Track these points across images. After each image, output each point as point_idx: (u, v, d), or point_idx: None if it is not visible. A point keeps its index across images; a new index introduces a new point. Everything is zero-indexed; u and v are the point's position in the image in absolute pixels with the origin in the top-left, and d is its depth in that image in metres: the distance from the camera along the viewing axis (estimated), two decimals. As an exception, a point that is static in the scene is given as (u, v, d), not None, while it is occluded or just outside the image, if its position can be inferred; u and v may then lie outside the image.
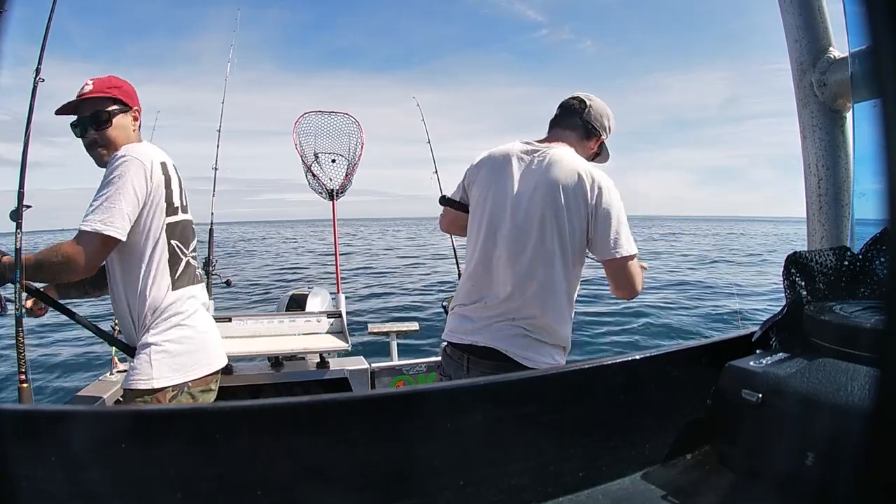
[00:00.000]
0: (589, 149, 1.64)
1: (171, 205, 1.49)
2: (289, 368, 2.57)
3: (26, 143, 1.59)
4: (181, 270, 1.51)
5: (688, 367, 1.00)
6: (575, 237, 1.46)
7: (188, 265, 1.55)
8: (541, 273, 1.46)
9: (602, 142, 1.67)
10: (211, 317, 1.64)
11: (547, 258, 1.46)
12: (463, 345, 1.52)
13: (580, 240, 1.47)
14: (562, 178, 1.48)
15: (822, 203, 1.31)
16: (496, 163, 1.59)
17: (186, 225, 1.56)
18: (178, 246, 1.51)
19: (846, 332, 0.84)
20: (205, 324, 1.57)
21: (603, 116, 1.64)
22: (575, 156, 1.54)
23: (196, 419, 0.74)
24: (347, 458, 0.75)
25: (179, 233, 1.52)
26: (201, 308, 1.58)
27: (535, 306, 1.46)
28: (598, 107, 1.64)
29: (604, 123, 1.64)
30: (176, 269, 1.50)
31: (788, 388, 0.81)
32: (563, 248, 1.46)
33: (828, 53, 1.28)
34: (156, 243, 1.46)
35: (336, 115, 3.50)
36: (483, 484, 0.80)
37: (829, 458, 0.73)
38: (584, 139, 1.62)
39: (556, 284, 1.46)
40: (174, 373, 1.44)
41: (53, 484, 0.64)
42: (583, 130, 1.62)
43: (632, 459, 0.91)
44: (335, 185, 3.46)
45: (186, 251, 1.54)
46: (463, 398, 0.86)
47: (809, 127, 1.32)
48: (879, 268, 1.01)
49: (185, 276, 1.53)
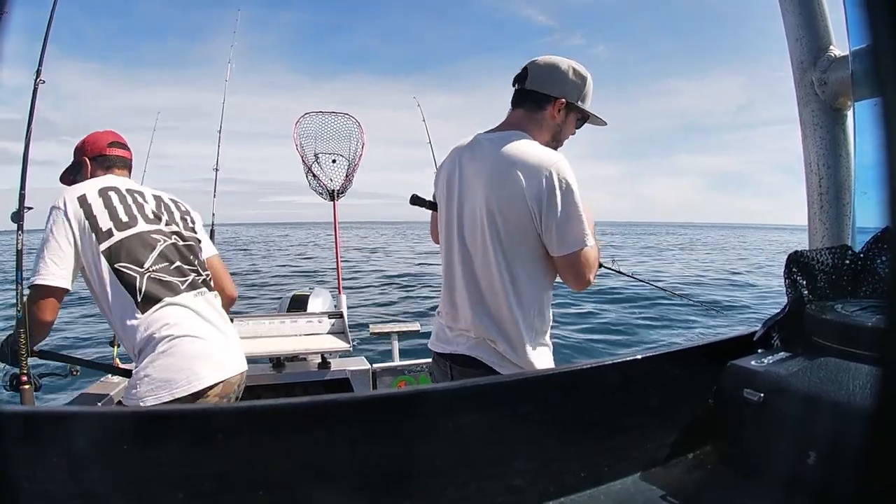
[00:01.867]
0: (550, 119, 1.38)
1: (100, 231, 1.44)
2: (290, 369, 2.57)
3: (27, 144, 1.60)
4: (144, 289, 1.43)
5: (689, 367, 1.00)
6: (521, 237, 1.29)
7: (153, 280, 1.45)
8: (489, 283, 1.32)
9: (566, 104, 1.37)
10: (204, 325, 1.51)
11: (493, 267, 1.31)
12: (445, 353, 1.42)
13: (530, 239, 1.29)
14: (496, 174, 1.30)
15: (823, 202, 1.31)
16: (450, 162, 1.44)
17: (132, 241, 1.47)
18: (124, 268, 1.43)
19: (848, 331, 0.84)
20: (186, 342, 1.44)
21: (552, 74, 1.36)
22: (516, 141, 1.32)
23: (197, 419, 0.74)
24: (349, 459, 0.75)
25: (125, 253, 1.44)
26: (184, 321, 1.46)
27: (489, 320, 1.32)
28: (543, 64, 1.37)
29: (554, 82, 1.36)
30: (135, 289, 1.43)
31: (790, 388, 0.81)
32: (510, 251, 1.30)
33: (828, 52, 1.28)
34: (100, 274, 1.43)
35: (337, 115, 3.51)
36: (484, 484, 0.80)
37: (830, 457, 0.72)
38: (534, 111, 1.37)
39: (509, 294, 1.30)
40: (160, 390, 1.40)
41: (54, 484, 0.64)
42: (530, 102, 1.37)
43: (633, 459, 0.91)
44: (336, 185, 3.47)
45: (142, 267, 1.45)
46: (464, 398, 0.86)
47: (810, 126, 1.32)
48: (881, 266, 1.00)
49: (154, 291, 1.44)
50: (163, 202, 1.64)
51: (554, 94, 1.35)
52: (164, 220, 1.58)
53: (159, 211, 1.59)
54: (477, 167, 1.35)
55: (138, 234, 1.49)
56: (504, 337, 1.31)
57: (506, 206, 1.28)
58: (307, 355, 2.63)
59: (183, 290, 1.50)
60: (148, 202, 1.58)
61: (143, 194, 1.61)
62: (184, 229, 1.63)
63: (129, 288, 1.42)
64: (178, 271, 1.51)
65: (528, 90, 1.37)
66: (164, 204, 1.64)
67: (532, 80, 1.36)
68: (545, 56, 1.38)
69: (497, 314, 1.32)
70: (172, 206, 1.66)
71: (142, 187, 1.66)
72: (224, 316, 1.62)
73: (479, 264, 1.34)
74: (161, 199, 1.65)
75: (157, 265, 1.47)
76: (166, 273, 1.48)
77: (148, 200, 1.59)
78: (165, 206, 1.63)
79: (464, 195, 1.37)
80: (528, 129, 1.36)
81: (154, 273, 1.46)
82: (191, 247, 1.61)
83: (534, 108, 1.37)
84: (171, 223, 1.60)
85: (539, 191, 1.24)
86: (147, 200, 1.59)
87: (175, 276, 1.50)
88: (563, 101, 1.36)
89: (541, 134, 1.37)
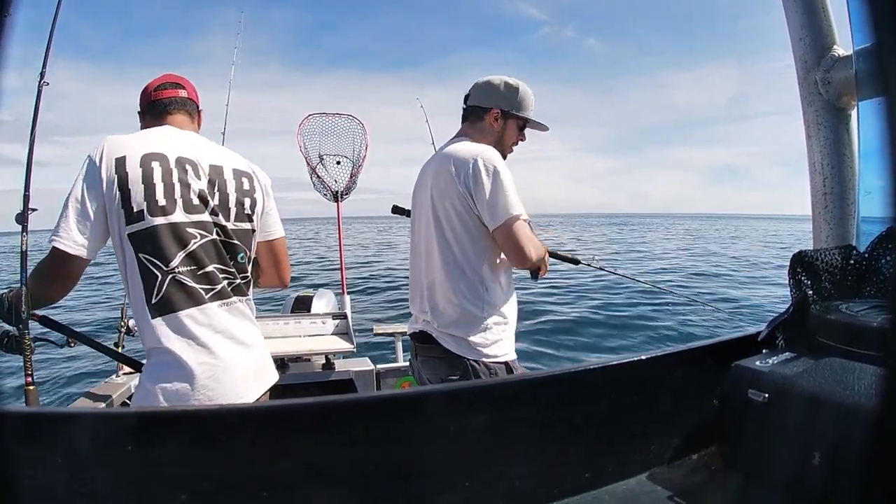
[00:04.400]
0: (489, 127, 1.62)
1: (130, 210, 1.21)
2: (294, 370, 2.57)
3: (31, 146, 1.57)
4: (163, 292, 1.22)
5: (693, 368, 0.99)
6: (459, 221, 1.50)
7: (176, 283, 1.24)
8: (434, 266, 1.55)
9: (501, 113, 1.60)
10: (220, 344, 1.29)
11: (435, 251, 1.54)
12: (411, 333, 1.68)
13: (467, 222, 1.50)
14: (436, 172, 1.55)
15: (828, 202, 1.30)
16: (419, 175, 1.69)
17: (162, 232, 1.23)
18: (147, 260, 1.22)
19: (852, 332, 0.84)
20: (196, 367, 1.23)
21: (486, 89, 1.61)
22: (456, 144, 1.57)
23: (200, 420, 0.74)
24: (351, 460, 0.75)
25: (152, 244, 1.22)
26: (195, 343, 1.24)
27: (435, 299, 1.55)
28: (481, 83, 1.63)
29: (488, 95, 1.61)
30: (153, 290, 1.22)
31: (795, 388, 0.81)
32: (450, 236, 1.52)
33: (832, 51, 1.28)
34: (125, 258, 1.23)
35: (340, 116, 3.52)
36: (487, 485, 0.80)
37: (835, 458, 0.72)
38: (476, 122, 1.63)
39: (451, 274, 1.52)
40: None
41: (57, 484, 0.64)
42: (473, 115, 1.63)
43: (637, 460, 0.91)
44: (340, 186, 3.48)
45: (167, 266, 1.23)
46: (467, 400, 0.86)
47: (814, 125, 1.32)
48: (885, 266, 1.00)
49: (173, 298, 1.23)
50: (219, 179, 1.35)
51: (488, 105, 1.60)
52: (211, 206, 1.31)
53: (210, 193, 1.32)
54: (427, 171, 1.62)
55: (172, 224, 1.24)
56: (448, 314, 1.53)
57: (443, 195, 1.51)
58: (311, 356, 2.64)
59: (206, 300, 1.28)
60: (200, 178, 1.31)
61: (198, 166, 1.32)
62: (234, 219, 1.36)
63: (147, 285, 1.22)
64: (206, 278, 1.28)
65: (470, 105, 1.64)
66: (219, 181, 1.35)
67: (472, 97, 1.64)
68: (485, 77, 1.64)
69: (443, 294, 1.54)
70: (230, 186, 1.37)
71: (201, 151, 1.36)
72: (250, 328, 1.39)
73: (424, 249, 1.59)
74: (220, 172, 1.36)
75: (185, 267, 1.25)
76: (192, 278, 1.26)
77: (200, 175, 1.31)
78: (220, 187, 1.34)
79: (418, 196, 1.65)
80: (473, 136, 1.61)
81: (179, 275, 1.24)
82: (234, 245, 1.36)
83: (475, 119, 1.63)
84: (219, 212, 1.33)
85: (467, 176, 1.46)
86: (199, 175, 1.31)
87: (201, 283, 1.27)
88: (498, 111, 1.60)
89: (484, 140, 1.59)
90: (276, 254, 1.52)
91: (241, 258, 1.37)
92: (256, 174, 1.45)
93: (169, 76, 1.45)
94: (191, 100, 1.45)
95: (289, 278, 1.59)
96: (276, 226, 1.51)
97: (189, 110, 1.44)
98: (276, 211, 1.51)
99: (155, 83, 1.42)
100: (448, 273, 1.52)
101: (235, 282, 1.36)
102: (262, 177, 1.47)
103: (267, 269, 1.52)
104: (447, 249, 1.52)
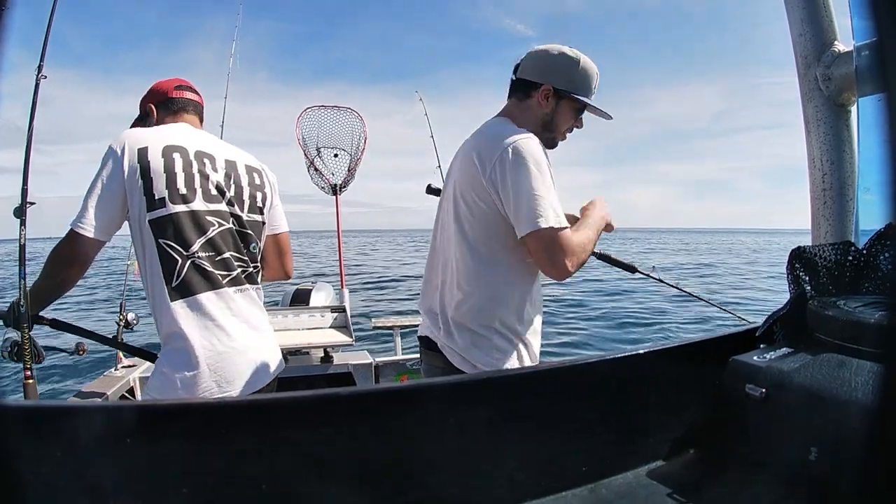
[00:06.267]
0: (537, 107, 1.31)
1: (152, 197, 1.27)
2: (293, 363, 2.57)
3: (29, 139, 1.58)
4: (183, 275, 1.28)
5: (691, 362, 1.00)
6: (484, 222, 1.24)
7: (196, 267, 1.30)
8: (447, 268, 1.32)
9: (553, 91, 1.29)
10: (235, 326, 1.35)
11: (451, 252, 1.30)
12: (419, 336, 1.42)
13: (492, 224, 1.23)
14: (462, 159, 1.29)
15: (827, 198, 1.30)
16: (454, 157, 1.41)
17: (183, 219, 1.29)
18: (167, 245, 1.28)
19: (850, 328, 0.84)
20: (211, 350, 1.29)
21: (539, 60, 1.31)
22: (493, 126, 1.30)
23: (201, 414, 0.74)
24: (351, 452, 0.76)
25: (174, 231, 1.28)
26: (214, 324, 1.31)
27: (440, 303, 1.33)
28: (535, 51, 1.32)
29: (541, 68, 1.30)
30: (173, 274, 1.28)
31: (792, 383, 0.81)
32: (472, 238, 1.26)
33: (833, 47, 1.28)
34: (143, 241, 1.29)
35: (339, 109, 3.51)
36: (486, 478, 0.80)
37: (832, 453, 0.73)
38: (523, 100, 1.33)
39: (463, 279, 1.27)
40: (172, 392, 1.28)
41: (59, 478, 0.64)
42: (520, 91, 1.33)
43: (635, 454, 0.91)
44: (338, 179, 3.47)
45: (187, 250, 1.29)
46: (466, 393, 0.86)
47: (814, 121, 1.31)
48: (884, 263, 1.00)
49: (192, 281, 1.29)
50: (234, 173, 1.43)
51: (539, 80, 1.30)
52: (228, 197, 1.39)
53: (227, 185, 1.40)
54: (456, 158, 1.37)
55: (193, 212, 1.31)
56: (447, 321, 1.30)
57: (466, 192, 1.26)
58: (310, 349, 2.64)
59: (224, 285, 1.35)
60: (217, 171, 1.39)
61: (215, 160, 1.40)
62: (248, 211, 1.44)
63: (166, 269, 1.28)
64: (223, 264, 1.35)
65: (518, 79, 1.33)
66: (234, 175, 1.43)
67: (523, 68, 1.33)
68: (542, 45, 1.33)
69: (449, 298, 1.31)
70: (244, 180, 1.45)
71: (216, 147, 1.43)
72: (262, 315, 1.46)
73: (441, 248, 1.36)
74: (235, 166, 1.44)
75: (205, 252, 1.32)
76: (211, 263, 1.33)
77: (217, 169, 1.39)
78: (235, 180, 1.42)
79: (445, 187, 1.40)
80: (515, 117, 1.31)
81: (199, 260, 1.30)
82: (247, 235, 1.43)
83: (522, 96, 1.33)
84: (235, 203, 1.40)
85: (493, 168, 1.19)
86: (217, 168, 1.39)
87: (219, 269, 1.34)
88: (550, 88, 1.29)
89: (528, 122, 1.30)
90: (282, 247, 1.60)
91: (253, 247, 1.45)
92: (265, 171, 1.54)
93: (184, 81, 1.52)
94: (202, 107, 1.55)
95: (293, 270, 1.66)
96: (282, 220, 1.59)
97: (200, 116, 1.54)
98: (282, 207, 1.59)
99: (173, 83, 1.49)
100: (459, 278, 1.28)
101: (248, 270, 1.43)
102: (270, 174, 1.56)
103: (272, 262, 1.58)
104: (466, 251, 1.26)
